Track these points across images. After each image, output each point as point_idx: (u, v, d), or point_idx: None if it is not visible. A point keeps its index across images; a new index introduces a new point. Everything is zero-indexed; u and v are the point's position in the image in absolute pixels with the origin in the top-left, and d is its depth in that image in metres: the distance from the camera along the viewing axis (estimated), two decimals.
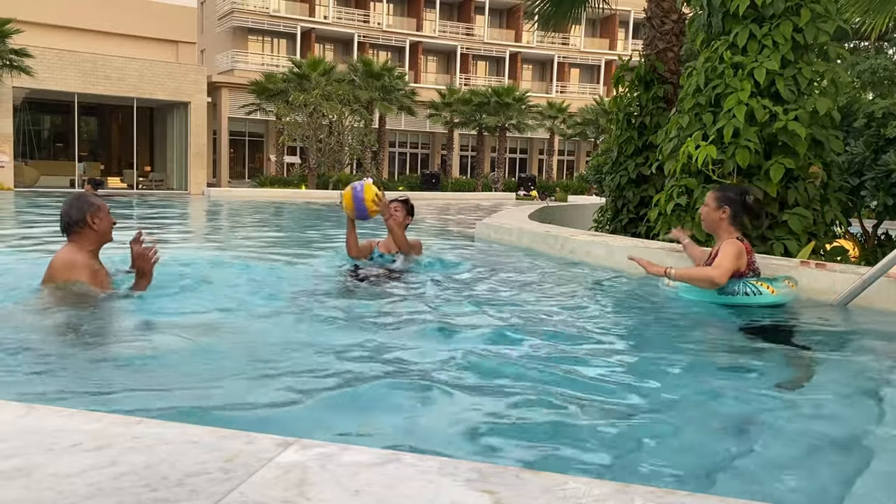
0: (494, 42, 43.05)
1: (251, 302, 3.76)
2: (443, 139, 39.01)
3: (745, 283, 3.74)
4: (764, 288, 3.73)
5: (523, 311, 3.79)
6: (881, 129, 5.70)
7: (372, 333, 3.10)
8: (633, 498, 1.12)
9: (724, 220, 3.92)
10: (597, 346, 3.08)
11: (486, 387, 2.36)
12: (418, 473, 1.19)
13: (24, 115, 27.10)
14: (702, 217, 4.06)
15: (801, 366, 2.98)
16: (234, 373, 2.48)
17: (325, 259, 5.66)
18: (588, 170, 10.79)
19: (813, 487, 1.73)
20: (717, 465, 1.81)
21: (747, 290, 3.72)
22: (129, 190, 27.30)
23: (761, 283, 3.75)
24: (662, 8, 7.51)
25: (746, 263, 3.82)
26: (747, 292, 3.72)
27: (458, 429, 1.96)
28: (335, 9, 39.49)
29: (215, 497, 1.07)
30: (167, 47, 34.51)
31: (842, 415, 2.30)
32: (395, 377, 2.45)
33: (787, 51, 5.20)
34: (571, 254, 5.90)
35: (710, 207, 3.96)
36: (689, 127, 5.59)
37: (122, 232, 3.84)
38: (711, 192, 4.06)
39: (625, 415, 2.17)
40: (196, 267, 4.62)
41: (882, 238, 6.30)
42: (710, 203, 3.97)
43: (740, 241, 3.88)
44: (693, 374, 2.73)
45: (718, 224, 3.94)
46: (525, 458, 1.78)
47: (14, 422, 1.38)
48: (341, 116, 28.40)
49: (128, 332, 3.07)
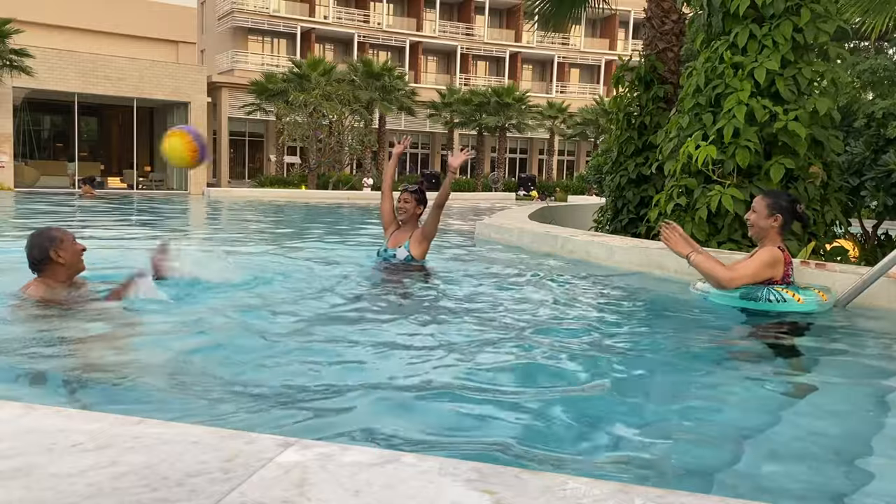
0: (494, 42, 43.05)
1: (250, 301, 3.76)
2: (443, 139, 39.01)
3: (770, 290, 3.62)
4: (789, 296, 3.61)
5: (525, 312, 3.78)
6: (881, 129, 5.70)
7: (372, 333, 3.10)
8: (633, 498, 1.12)
9: (774, 228, 3.75)
10: (598, 347, 3.08)
11: (486, 387, 2.36)
12: (418, 473, 1.19)
13: (24, 115, 27.10)
14: (750, 223, 3.84)
15: (801, 366, 2.98)
16: (233, 372, 2.48)
17: (327, 258, 5.66)
18: (588, 170, 10.80)
19: (813, 488, 1.73)
20: (718, 466, 1.81)
21: (771, 296, 3.60)
22: (129, 190, 27.30)
23: (787, 291, 3.63)
24: (662, 8, 7.51)
25: (782, 274, 3.68)
26: (771, 299, 3.60)
27: (458, 429, 1.96)
28: (335, 9, 39.49)
29: (215, 497, 1.07)
30: (167, 47, 34.54)
31: (842, 415, 2.30)
32: (396, 377, 2.45)
33: (787, 51, 5.20)
34: (571, 254, 5.90)
35: (761, 215, 3.76)
36: (689, 127, 5.59)
37: (126, 230, 3.84)
38: (761, 199, 3.84)
39: (625, 415, 2.17)
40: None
41: (882, 238, 6.30)
42: (761, 210, 3.76)
43: (781, 250, 3.73)
44: (693, 375, 2.73)
45: (767, 232, 3.76)
46: (525, 458, 1.78)
47: (14, 422, 1.38)
48: (341, 116, 28.40)
49: (118, 336, 3.07)
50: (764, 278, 3.66)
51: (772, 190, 4.58)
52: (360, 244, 7.93)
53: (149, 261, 3.62)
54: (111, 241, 7.28)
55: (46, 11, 30.92)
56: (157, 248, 3.47)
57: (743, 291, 3.66)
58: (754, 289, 3.65)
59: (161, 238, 3.37)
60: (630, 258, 5.20)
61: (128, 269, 3.75)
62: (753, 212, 3.83)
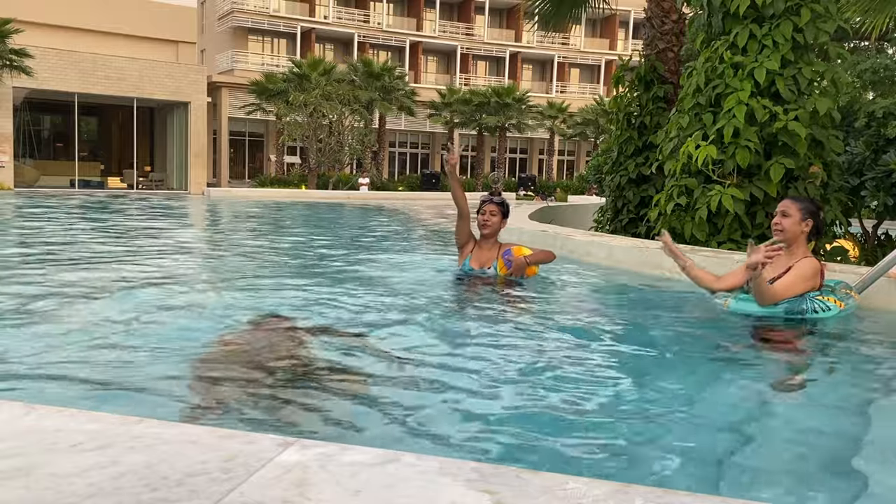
0: (494, 42, 43.04)
1: (250, 304, 3.76)
2: (443, 139, 39.00)
3: (812, 301, 3.51)
4: (832, 303, 3.53)
5: (525, 311, 3.78)
6: (881, 128, 5.69)
7: (372, 333, 3.10)
8: (633, 498, 1.12)
9: (804, 233, 3.65)
10: (598, 347, 3.08)
11: (486, 387, 2.36)
12: (418, 473, 1.19)
13: (24, 115, 27.11)
14: (780, 227, 3.67)
15: (801, 366, 2.98)
16: (233, 373, 2.47)
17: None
18: (588, 170, 10.80)
19: (813, 488, 1.73)
20: (718, 466, 1.81)
21: (815, 306, 3.51)
22: (129, 190, 27.30)
23: (829, 299, 3.54)
24: (662, 8, 7.51)
25: (819, 285, 3.61)
26: (816, 309, 3.51)
27: (458, 429, 1.96)
28: (335, 9, 39.48)
29: (215, 497, 1.07)
30: (167, 47, 34.55)
31: (842, 415, 2.30)
32: (396, 377, 2.45)
33: (787, 51, 5.20)
34: (571, 253, 5.89)
35: (795, 219, 3.63)
36: (689, 127, 5.59)
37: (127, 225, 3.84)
38: (793, 203, 3.69)
39: (626, 415, 2.17)
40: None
41: (882, 238, 6.30)
42: (794, 214, 3.64)
43: (818, 260, 3.65)
44: (694, 375, 2.73)
45: (798, 237, 3.64)
46: (525, 458, 1.78)
47: (14, 422, 1.38)
48: (341, 116, 28.40)
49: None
50: (805, 290, 3.56)
51: (797, 196, 4.50)
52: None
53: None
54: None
55: (46, 11, 30.93)
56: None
57: (786, 307, 3.53)
58: (797, 302, 3.53)
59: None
60: (630, 258, 5.20)
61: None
62: (785, 216, 3.67)
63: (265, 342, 2.95)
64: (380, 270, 5.52)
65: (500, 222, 4.37)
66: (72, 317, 3.31)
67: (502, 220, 4.38)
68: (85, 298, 3.80)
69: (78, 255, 6.31)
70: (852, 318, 3.64)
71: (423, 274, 5.08)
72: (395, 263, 6.11)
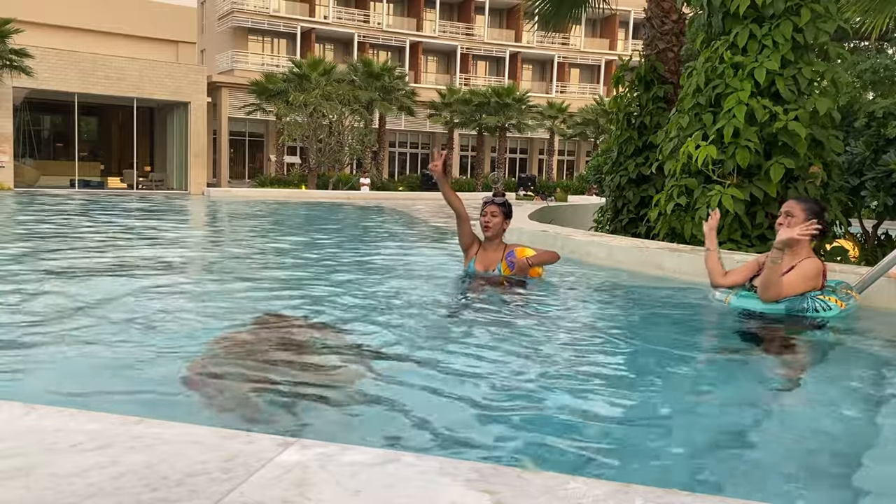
0: (494, 42, 43.04)
1: (250, 304, 3.76)
2: (443, 139, 39.00)
3: (814, 300, 3.54)
4: (833, 303, 3.55)
5: (526, 312, 3.78)
6: (881, 128, 5.69)
7: (373, 333, 3.10)
8: (633, 498, 1.12)
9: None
10: (597, 346, 3.08)
11: (487, 387, 2.36)
12: (418, 473, 1.19)
13: (24, 115, 27.11)
14: (786, 227, 3.64)
15: (801, 366, 2.98)
16: (233, 372, 2.48)
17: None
18: (588, 170, 10.80)
19: (813, 488, 1.73)
20: (718, 466, 1.81)
21: (817, 305, 3.53)
22: (129, 190, 27.30)
23: (831, 299, 3.55)
24: (662, 8, 7.51)
25: (822, 285, 3.62)
26: (817, 308, 3.52)
27: (458, 429, 1.96)
28: (335, 9, 39.48)
29: (215, 497, 1.07)
30: (167, 47, 34.55)
31: (841, 415, 2.30)
32: (397, 377, 2.44)
33: (787, 51, 5.20)
34: (571, 254, 5.89)
35: (799, 220, 3.63)
36: (689, 127, 5.59)
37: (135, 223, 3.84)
38: (797, 204, 3.72)
39: (626, 415, 2.17)
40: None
41: (882, 238, 6.30)
42: (800, 215, 3.64)
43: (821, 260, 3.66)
44: (694, 375, 2.73)
45: (801, 238, 3.62)
46: (525, 458, 1.77)
47: (14, 422, 1.38)
48: (341, 116, 28.40)
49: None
50: (807, 289, 3.58)
51: (801, 196, 4.50)
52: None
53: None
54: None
55: (46, 11, 30.92)
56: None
57: (787, 305, 3.56)
58: (798, 300, 3.55)
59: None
60: (630, 258, 5.20)
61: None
62: (789, 216, 3.68)
63: (265, 342, 2.95)
64: (380, 271, 5.53)
65: (503, 223, 4.35)
66: (71, 317, 3.31)
67: (504, 220, 4.37)
68: (85, 298, 3.80)
69: (77, 254, 6.31)
70: (853, 318, 3.64)
71: (425, 274, 5.09)
72: (396, 263, 6.12)
